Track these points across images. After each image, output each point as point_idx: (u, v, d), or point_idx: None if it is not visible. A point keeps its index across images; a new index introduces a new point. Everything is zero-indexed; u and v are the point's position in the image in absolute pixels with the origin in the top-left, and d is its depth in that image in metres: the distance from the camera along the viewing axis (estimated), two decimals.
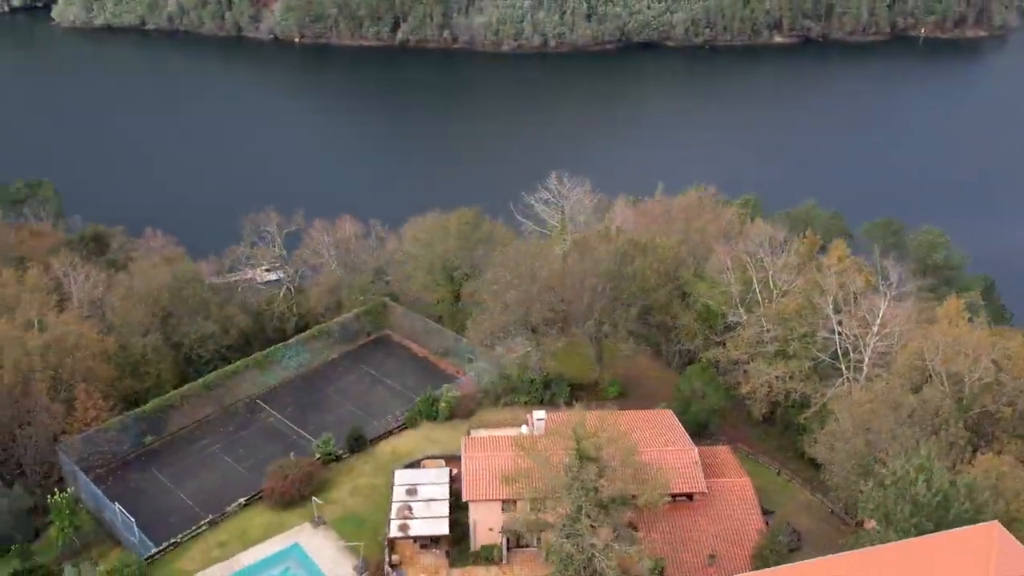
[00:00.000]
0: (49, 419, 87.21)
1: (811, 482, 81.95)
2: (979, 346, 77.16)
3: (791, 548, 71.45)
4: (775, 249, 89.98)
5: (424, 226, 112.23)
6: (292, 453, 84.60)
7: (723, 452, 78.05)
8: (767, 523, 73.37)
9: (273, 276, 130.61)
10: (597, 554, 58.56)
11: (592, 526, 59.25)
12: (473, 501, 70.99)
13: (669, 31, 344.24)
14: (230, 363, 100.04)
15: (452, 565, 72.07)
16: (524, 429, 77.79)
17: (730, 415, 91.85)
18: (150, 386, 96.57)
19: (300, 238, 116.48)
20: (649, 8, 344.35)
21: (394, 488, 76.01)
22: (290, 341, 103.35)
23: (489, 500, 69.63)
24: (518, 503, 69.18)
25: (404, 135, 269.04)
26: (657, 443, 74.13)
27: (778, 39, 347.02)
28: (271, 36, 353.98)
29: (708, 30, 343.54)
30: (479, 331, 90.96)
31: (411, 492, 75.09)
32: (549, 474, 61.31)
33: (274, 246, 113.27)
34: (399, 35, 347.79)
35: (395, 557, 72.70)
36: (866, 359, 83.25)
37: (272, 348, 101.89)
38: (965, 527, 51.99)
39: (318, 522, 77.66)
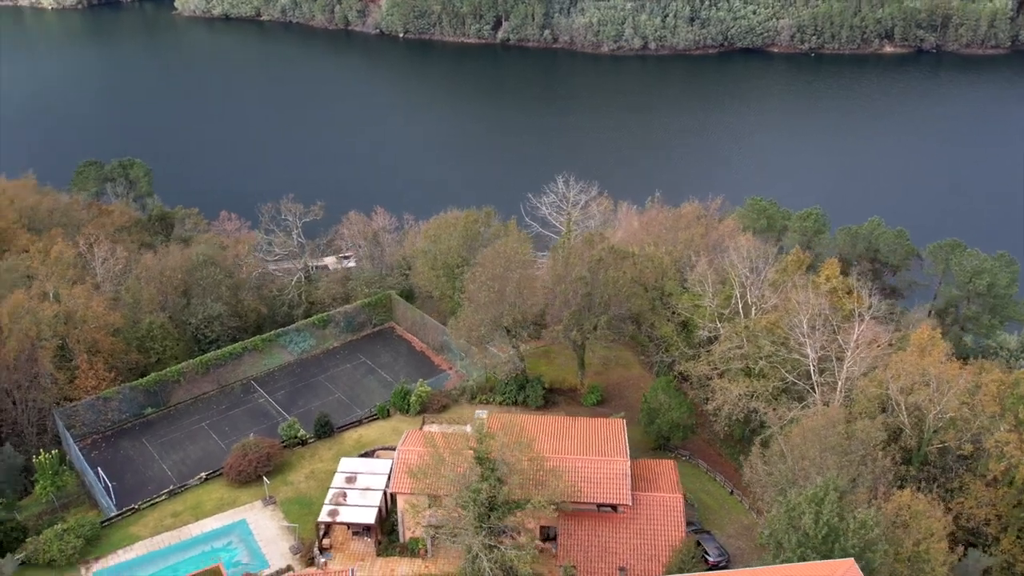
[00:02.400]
0: (51, 385, 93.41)
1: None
2: (945, 378, 74.13)
3: (717, 566, 70.55)
4: (757, 264, 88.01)
5: (436, 223, 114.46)
6: (252, 433, 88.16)
7: (666, 467, 77.32)
8: (697, 542, 72.53)
9: (348, 264, 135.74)
10: (480, 553, 59.38)
11: (479, 526, 60.06)
12: (399, 493, 72.65)
13: (774, 37, 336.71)
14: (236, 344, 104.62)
15: (379, 555, 73.93)
16: (469, 428, 78.83)
17: (702, 430, 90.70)
18: (155, 361, 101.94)
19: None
20: (755, 13, 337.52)
21: (336, 475, 78.30)
22: (289, 327, 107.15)
23: (413, 493, 71.02)
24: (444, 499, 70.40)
25: (497, 132, 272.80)
26: (591, 451, 74.13)
27: (888, 49, 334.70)
28: (377, 31, 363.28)
29: (815, 37, 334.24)
30: (458, 329, 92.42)
31: (350, 480, 77.37)
32: (444, 472, 62.42)
33: (294, 233, 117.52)
34: (500, 34, 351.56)
35: (327, 541, 75.15)
36: (839, 383, 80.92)
37: (270, 333, 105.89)
38: (821, 561, 50.65)
39: (268, 501, 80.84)
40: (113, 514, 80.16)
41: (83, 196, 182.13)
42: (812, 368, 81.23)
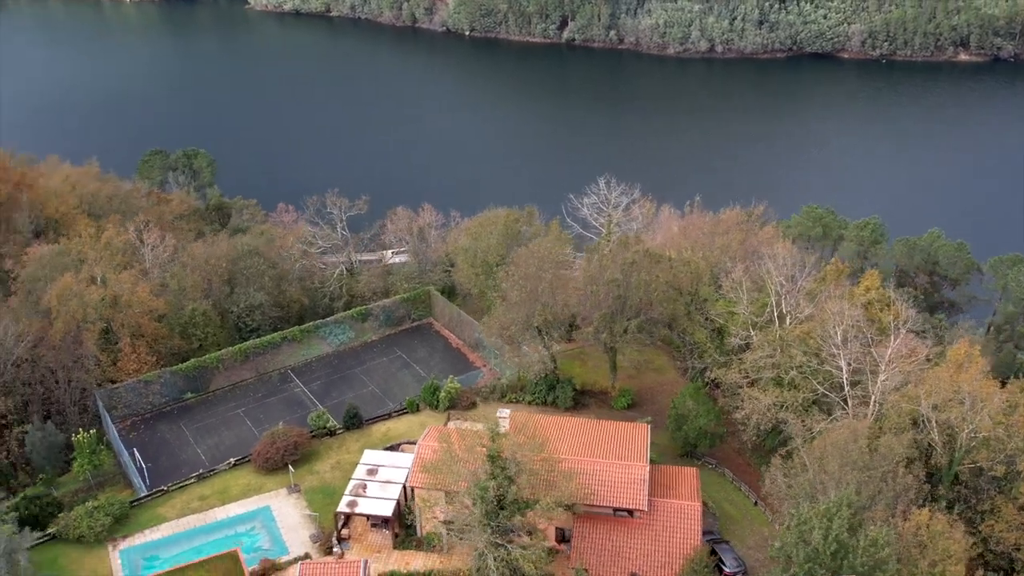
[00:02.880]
0: (94, 366, 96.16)
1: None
2: (980, 397, 72.07)
3: None
4: (793, 273, 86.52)
5: (478, 221, 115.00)
6: (281, 422, 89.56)
7: (687, 474, 76.51)
8: (713, 551, 71.71)
9: (401, 258, 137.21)
10: (486, 551, 59.56)
11: (487, 524, 60.23)
12: (417, 488, 73.16)
13: (844, 42, 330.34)
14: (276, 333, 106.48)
15: (395, 547, 74.54)
16: (499, 424, 78.84)
17: (732, 439, 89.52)
18: (196, 347, 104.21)
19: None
20: (825, 18, 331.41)
21: (358, 466, 79.16)
22: (328, 319, 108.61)
23: (427, 488, 71.47)
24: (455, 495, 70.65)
25: (556, 132, 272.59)
26: (610, 455, 73.74)
27: (964, 57, 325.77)
28: (443, 28, 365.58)
29: (887, 43, 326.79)
30: (490, 327, 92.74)
31: (372, 472, 78.13)
32: (456, 469, 62.72)
33: (338, 226, 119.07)
34: (566, 33, 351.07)
35: (345, 531, 76.03)
36: (873, 397, 79.20)
37: (309, 324, 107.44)
38: None
39: (293, 489, 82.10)
40: (143, 495, 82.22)
41: (145, 184, 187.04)
42: (845, 381, 79.66)
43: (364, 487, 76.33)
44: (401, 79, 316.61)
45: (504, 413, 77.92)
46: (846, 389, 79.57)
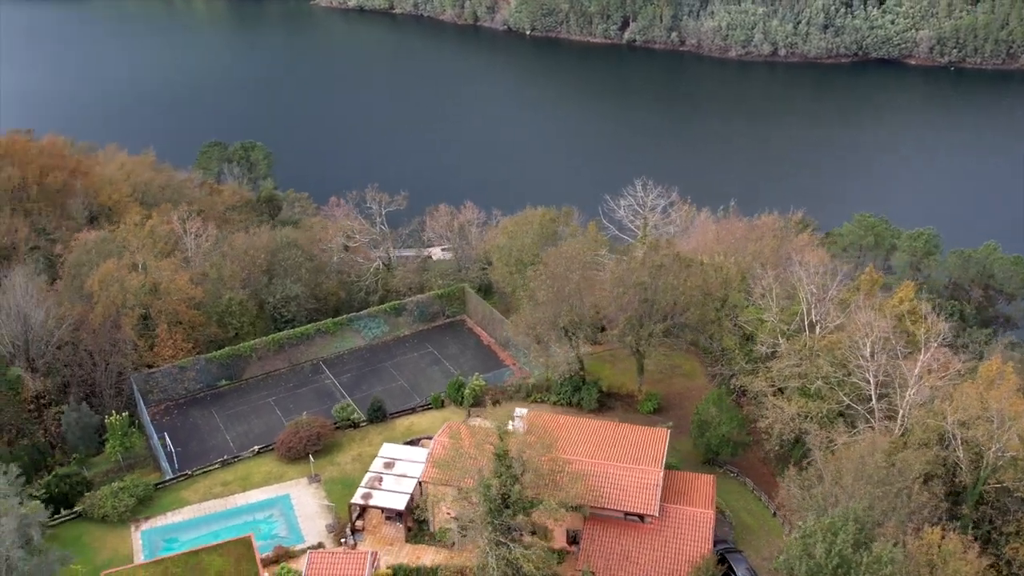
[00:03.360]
0: (131, 351, 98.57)
1: None
2: (1009, 414, 70.04)
3: None
4: (825, 281, 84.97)
5: (515, 219, 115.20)
6: (305, 413, 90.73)
7: (704, 481, 75.70)
8: (722, 560, 70.89)
9: (448, 255, 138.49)
10: (487, 549, 59.69)
11: (490, 522, 60.35)
12: (428, 483, 73.55)
13: (911, 49, 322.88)
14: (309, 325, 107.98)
15: (407, 541, 75.06)
16: (510, 424, 79.01)
17: (758, 448, 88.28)
18: (232, 336, 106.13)
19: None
20: (893, 23, 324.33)
21: (376, 459, 79.87)
22: (362, 313, 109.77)
23: (437, 483, 71.82)
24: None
25: (612, 133, 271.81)
26: (625, 459, 73.27)
27: None
28: (504, 27, 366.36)
29: (956, 50, 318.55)
30: (517, 326, 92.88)
31: (388, 465, 78.78)
32: (461, 465, 62.98)
33: (377, 221, 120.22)
34: (627, 34, 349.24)
35: (360, 523, 76.79)
36: (901, 411, 77.49)
37: (342, 317, 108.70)
38: None
39: (313, 479, 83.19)
40: (168, 478, 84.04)
41: (200, 175, 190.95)
42: (872, 393, 78.06)
43: (380, 480, 77.03)
44: (460, 77, 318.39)
45: (520, 412, 78.05)
46: (872, 402, 77.97)
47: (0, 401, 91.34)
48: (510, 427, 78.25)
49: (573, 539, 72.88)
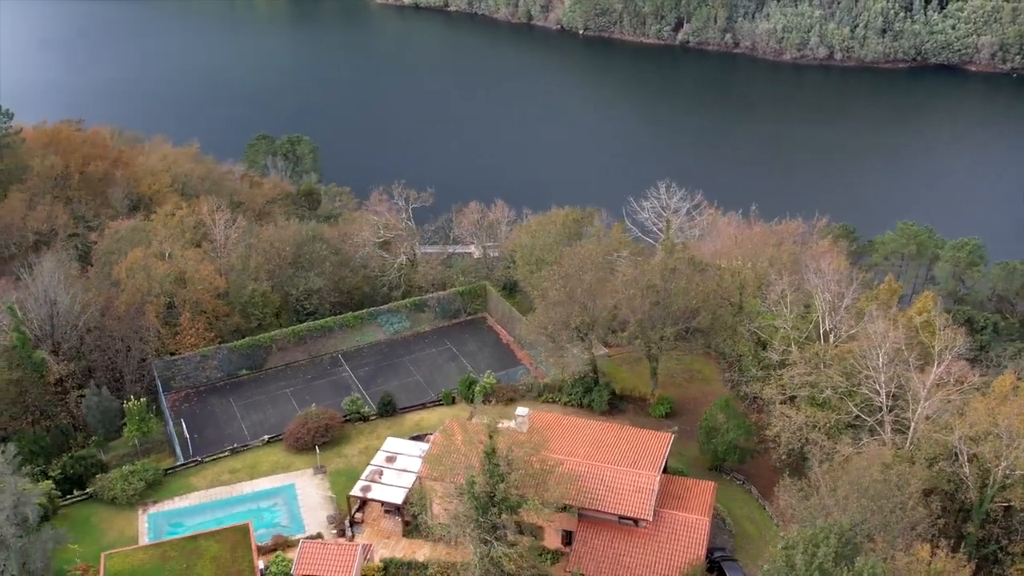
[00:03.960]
0: (153, 338, 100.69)
1: None
2: (1017, 431, 68.23)
3: None
4: (841, 290, 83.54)
5: (539, 219, 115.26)
6: (314, 404, 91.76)
7: (703, 488, 74.91)
8: (714, 568, 70.18)
9: (492, 252, 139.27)
10: (471, 546, 59.91)
11: (476, 520, 60.56)
12: (427, 479, 73.92)
13: (972, 55, 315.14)
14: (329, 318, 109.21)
15: (405, 535, 75.55)
16: (513, 423, 79.10)
17: (768, 455, 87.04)
18: (255, 326, 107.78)
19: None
20: (953, 28, 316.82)
21: (378, 452, 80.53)
22: (382, 308, 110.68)
23: (430, 479, 72.08)
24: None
25: (660, 135, 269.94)
26: (623, 462, 72.81)
27: None
28: (558, 26, 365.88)
29: (1019, 57, 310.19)
30: (529, 325, 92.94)
31: (390, 459, 79.36)
32: (449, 462, 63.26)
33: (405, 216, 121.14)
34: (680, 35, 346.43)
35: (359, 516, 77.53)
36: (912, 423, 75.96)
37: (363, 311, 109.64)
38: None
39: (319, 470, 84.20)
40: (178, 464, 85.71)
41: (243, 167, 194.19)
42: (883, 405, 76.62)
43: (380, 473, 77.65)
44: (510, 76, 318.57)
45: (522, 412, 78.01)
46: (881, 414, 76.54)
47: (25, 383, 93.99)
48: (512, 425, 78.58)
49: (568, 540, 72.69)
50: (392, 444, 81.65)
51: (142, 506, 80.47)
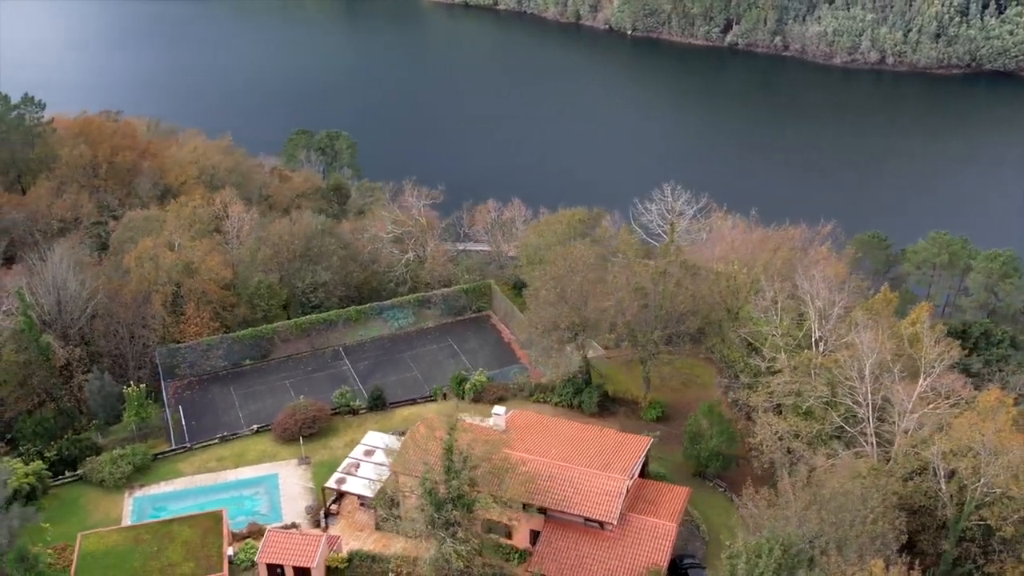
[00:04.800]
0: (158, 326, 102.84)
1: None
2: (995, 447, 66.56)
3: None
4: (832, 298, 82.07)
5: (546, 219, 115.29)
6: (302, 396, 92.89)
7: (676, 494, 74.32)
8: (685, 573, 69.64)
9: (484, 247, 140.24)
10: (424, 542, 60.31)
11: (429, 515, 60.96)
12: (399, 473, 74.42)
13: None
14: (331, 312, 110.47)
15: (377, 528, 76.16)
16: (490, 421, 79.39)
17: (750, 463, 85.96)
18: (260, 317, 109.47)
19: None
20: (1011, 34, 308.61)
21: (358, 446, 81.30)
22: (385, 303, 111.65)
23: (409, 474, 72.48)
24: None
25: (701, 136, 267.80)
26: (594, 464, 72.52)
27: None
28: (606, 26, 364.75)
29: None
30: (521, 326, 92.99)
31: (368, 453, 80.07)
32: (408, 458, 63.73)
33: (414, 212, 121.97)
34: (729, 37, 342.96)
35: (335, 507, 78.40)
36: (897, 436, 74.54)
37: (365, 306, 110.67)
38: None
39: (303, 461, 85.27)
40: (167, 449, 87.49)
41: (279, 161, 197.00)
42: (866, 417, 75.24)
43: (357, 466, 78.42)
44: (555, 75, 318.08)
45: (499, 410, 78.26)
46: (862, 426, 75.17)
47: (32, 365, 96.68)
48: (489, 423, 78.94)
49: (535, 539, 72.62)
50: (372, 438, 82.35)
51: (129, 489, 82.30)
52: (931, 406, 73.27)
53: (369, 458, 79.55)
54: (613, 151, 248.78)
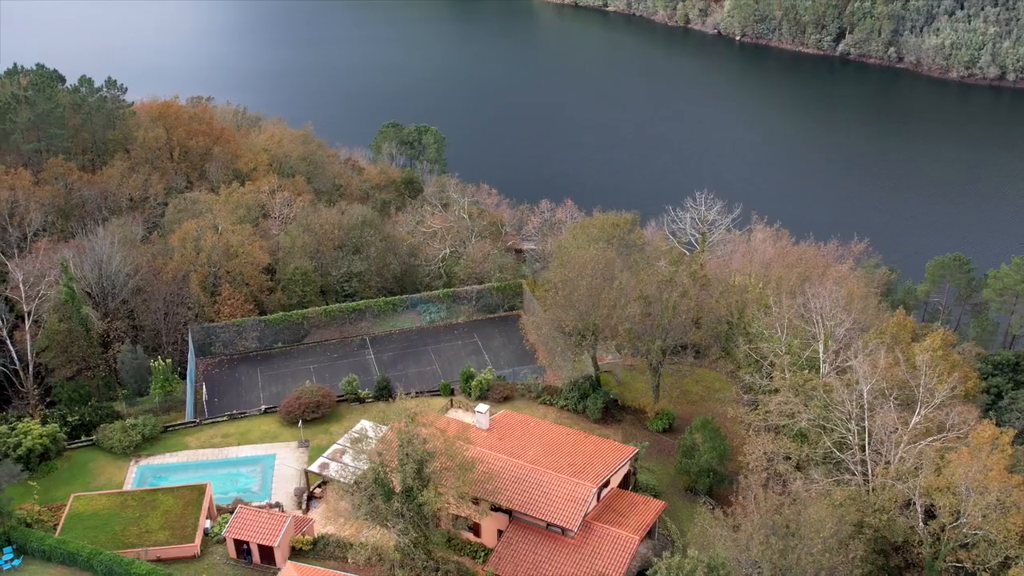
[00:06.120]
0: (194, 304, 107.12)
1: None
2: (977, 486, 63.32)
3: None
4: (841, 319, 79.27)
5: (582, 222, 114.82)
6: (307, 381, 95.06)
7: (650, 507, 73.21)
8: None
9: (531, 245, 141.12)
10: (366, 531, 61.34)
11: (376, 507, 61.94)
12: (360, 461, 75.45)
13: None
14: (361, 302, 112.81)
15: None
16: (475, 419, 79.82)
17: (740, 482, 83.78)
18: (295, 302, 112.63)
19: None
20: None
21: (347, 433, 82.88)
22: (415, 296, 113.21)
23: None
24: None
25: (807, 145, 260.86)
26: (567, 469, 72.14)
27: None
28: (715, 31, 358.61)
29: None
30: (531, 329, 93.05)
31: (356, 441, 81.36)
32: (361, 448, 64.85)
33: (456, 209, 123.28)
34: (841, 46, 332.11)
35: (319, 491, 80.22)
36: (879, 467, 71.64)
37: (394, 298, 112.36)
38: None
39: (302, 444, 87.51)
40: (178, 422, 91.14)
41: (364, 152, 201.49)
42: (856, 444, 72.50)
43: (343, 453, 79.94)
44: (658, 78, 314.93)
45: (483, 408, 78.67)
46: (850, 452, 72.40)
47: (73, 335, 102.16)
48: (473, 421, 79.48)
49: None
50: (363, 426, 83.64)
51: (135, 458, 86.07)
52: (929, 439, 70.09)
53: (356, 445, 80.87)
54: (707, 156, 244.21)
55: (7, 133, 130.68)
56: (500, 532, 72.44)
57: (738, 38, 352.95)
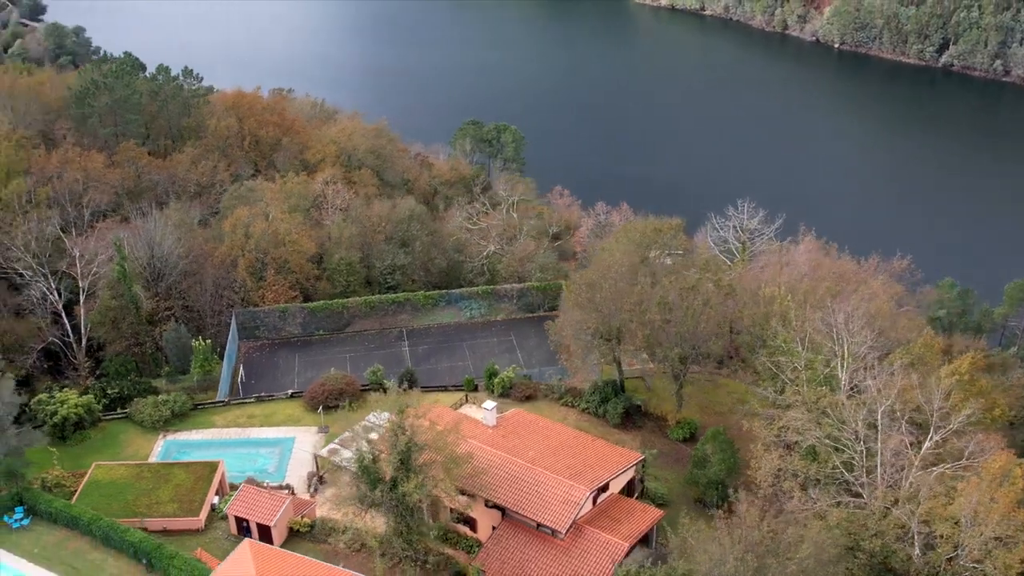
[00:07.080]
0: (240, 288, 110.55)
1: None
2: (978, 517, 60.92)
3: None
4: (865, 336, 76.91)
5: (626, 225, 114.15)
6: (332, 368, 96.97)
7: (647, 515, 72.48)
8: None
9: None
10: (354, 517, 62.65)
11: (362, 495, 63.18)
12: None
13: None
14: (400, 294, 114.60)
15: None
16: (484, 416, 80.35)
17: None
18: (339, 292, 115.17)
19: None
20: None
21: (361, 422, 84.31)
22: (453, 291, 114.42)
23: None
24: None
25: (898, 158, 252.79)
26: (565, 471, 71.98)
27: None
28: (813, 38, 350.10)
29: None
30: (553, 330, 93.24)
31: (367, 429, 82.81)
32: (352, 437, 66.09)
33: (503, 208, 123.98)
34: (944, 58, 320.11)
35: (327, 475, 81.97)
36: (898, 492, 69.43)
37: (434, 292, 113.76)
38: None
39: (322, 429, 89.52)
40: (207, 402, 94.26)
41: (442, 148, 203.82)
42: (860, 466, 70.44)
43: (352, 440, 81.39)
44: (752, 84, 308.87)
45: (490, 405, 79.13)
46: (855, 474, 70.30)
47: (124, 311, 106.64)
48: (480, 417, 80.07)
49: None
50: (376, 417, 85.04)
51: (164, 432, 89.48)
52: (940, 467, 67.67)
53: (367, 434, 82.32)
54: (791, 168, 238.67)
55: (85, 117, 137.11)
56: (493, 528, 72.78)
57: (837, 46, 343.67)
